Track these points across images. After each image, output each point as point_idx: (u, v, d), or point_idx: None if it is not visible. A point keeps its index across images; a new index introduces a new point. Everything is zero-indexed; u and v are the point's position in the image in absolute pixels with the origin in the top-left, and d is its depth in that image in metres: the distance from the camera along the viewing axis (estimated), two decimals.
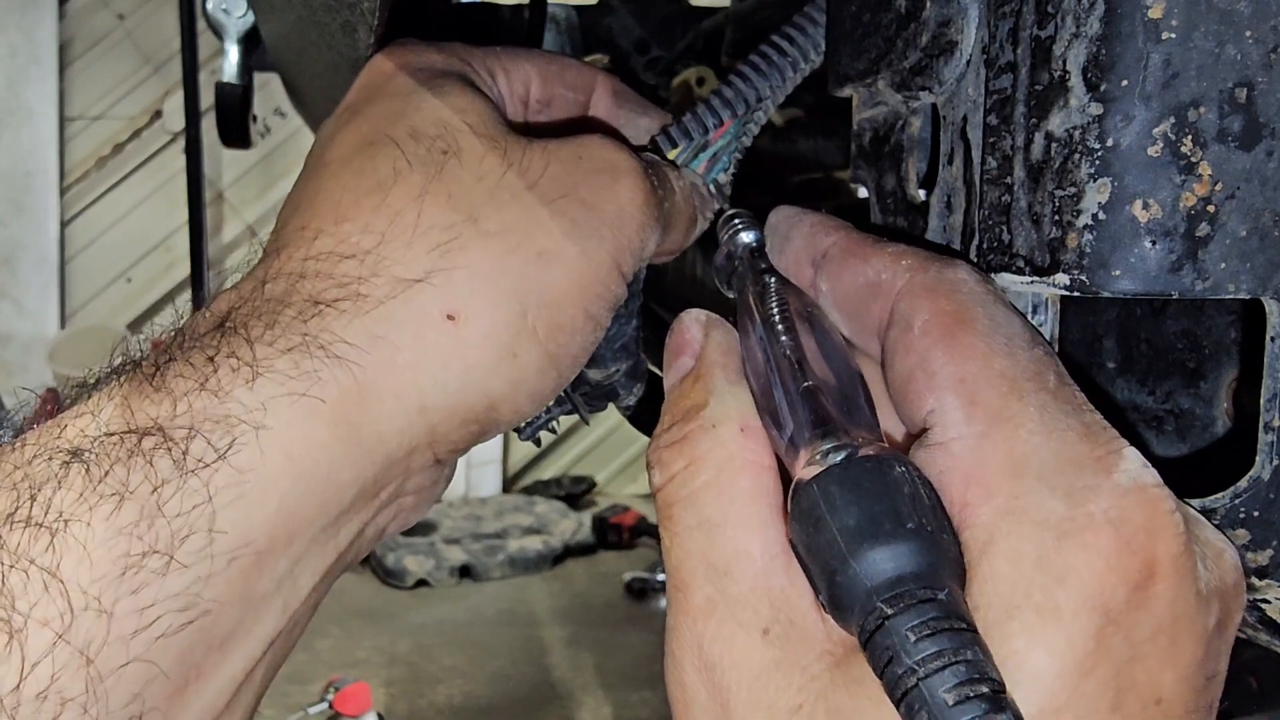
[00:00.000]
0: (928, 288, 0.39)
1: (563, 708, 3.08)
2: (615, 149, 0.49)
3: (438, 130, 0.47)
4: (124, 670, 0.37)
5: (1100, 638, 0.31)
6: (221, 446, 0.39)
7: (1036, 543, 0.32)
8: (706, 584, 0.37)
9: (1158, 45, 0.36)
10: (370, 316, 0.43)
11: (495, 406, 0.46)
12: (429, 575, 3.91)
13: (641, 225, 0.48)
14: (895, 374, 0.38)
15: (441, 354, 0.44)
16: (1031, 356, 0.36)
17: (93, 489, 0.37)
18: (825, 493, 0.34)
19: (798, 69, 0.58)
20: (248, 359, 0.41)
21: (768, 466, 0.38)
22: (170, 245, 4.64)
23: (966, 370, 0.36)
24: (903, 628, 0.30)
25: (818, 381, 0.39)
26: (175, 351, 0.42)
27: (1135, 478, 0.33)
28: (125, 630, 0.37)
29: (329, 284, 0.43)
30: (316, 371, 0.41)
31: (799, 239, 0.46)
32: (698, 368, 0.42)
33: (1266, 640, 0.41)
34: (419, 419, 0.44)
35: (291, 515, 0.41)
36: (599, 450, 5.01)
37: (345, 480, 0.42)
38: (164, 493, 0.38)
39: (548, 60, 0.57)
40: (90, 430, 0.39)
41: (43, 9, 4.44)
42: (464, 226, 0.45)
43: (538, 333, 0.45)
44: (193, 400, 0.40)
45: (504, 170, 0.46)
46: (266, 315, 0.42)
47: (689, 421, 0.40)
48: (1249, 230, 0.37)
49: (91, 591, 0.36)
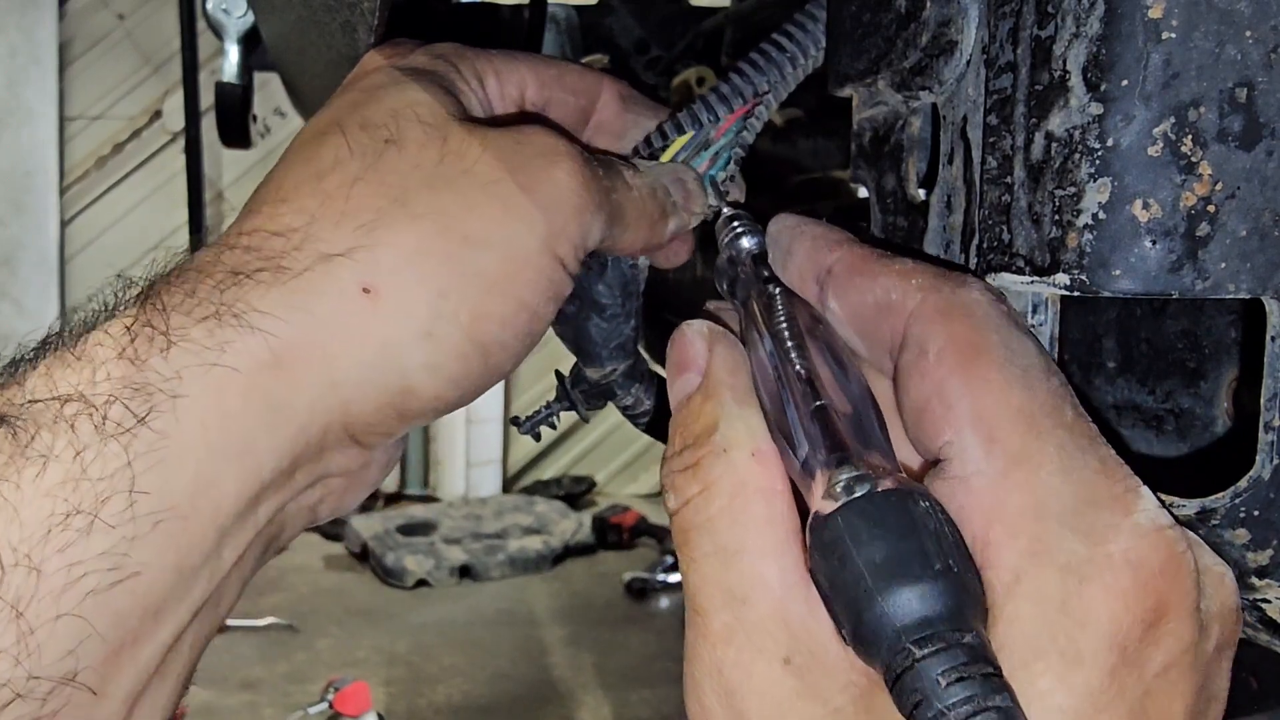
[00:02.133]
0: (941, 311, 0.39)
1: (563, 708, 3.08)
2: (553, 135, 0.49)
3: (385, 120, 0.48)
4: (55, 625, 0.38)
5: (1115, 675, 0.33)
6: (140, 412, 0.40)
7: (1060, 586, 0.33)
8: (724, 610, 0.37)
9: (1158, 45, 0.36)
10: (287, 287, 0.43)
11: (411, 389, 0.46)
12: (429, 575, 3.91)
13: (579, 209, 0.48)
14: (910, 400, 0.38)
15: (356, 327, 0.44)
16: (1049, 388, 0.37)
17: (20, 452, 0.39)
18: (850, 526, 0.34)
19: (798, 65, 0.58)
20: (161, 328, 0.42)
21: (781, 491, 0.38)
22: (170, 245, 4.58)
23: (984, 405, 0.36)
24: (933, 672, 0.31)
25: (830, 401, 0.38)
26: (96, 321, 0.43)
27: (1154, 519, 0.34)
28: (54, 586, 0.38)
29: (253, 257, 0.44)
30: (230, 342, 0.42)
31: (801, 253, 0.45)
32: (705, 386, 0.42)
33: (1266, 640, 0.41)
34: (330, 393, 0.44)
35: (211, 483, 0.41)
36: (599, 450, 5.01)
37: (261, 451, 0.43)
38: (86, 456, 0.39)
39: (546, 64, 0.57)
40: (16, 398, 0.40)
41: (43, 9, 4.45)
42: (392, 208, 0.45)
43: (459, 316, 0.45)
44: (111, 369, 0.41)
45: (441, 157, 0.47)
46: (187, 285, 0.43)
47: (700, 446, 0.40)
48: (1249, 230, 0.37)
49: (21, 549, 0.37)
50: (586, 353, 0.55)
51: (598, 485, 5.00)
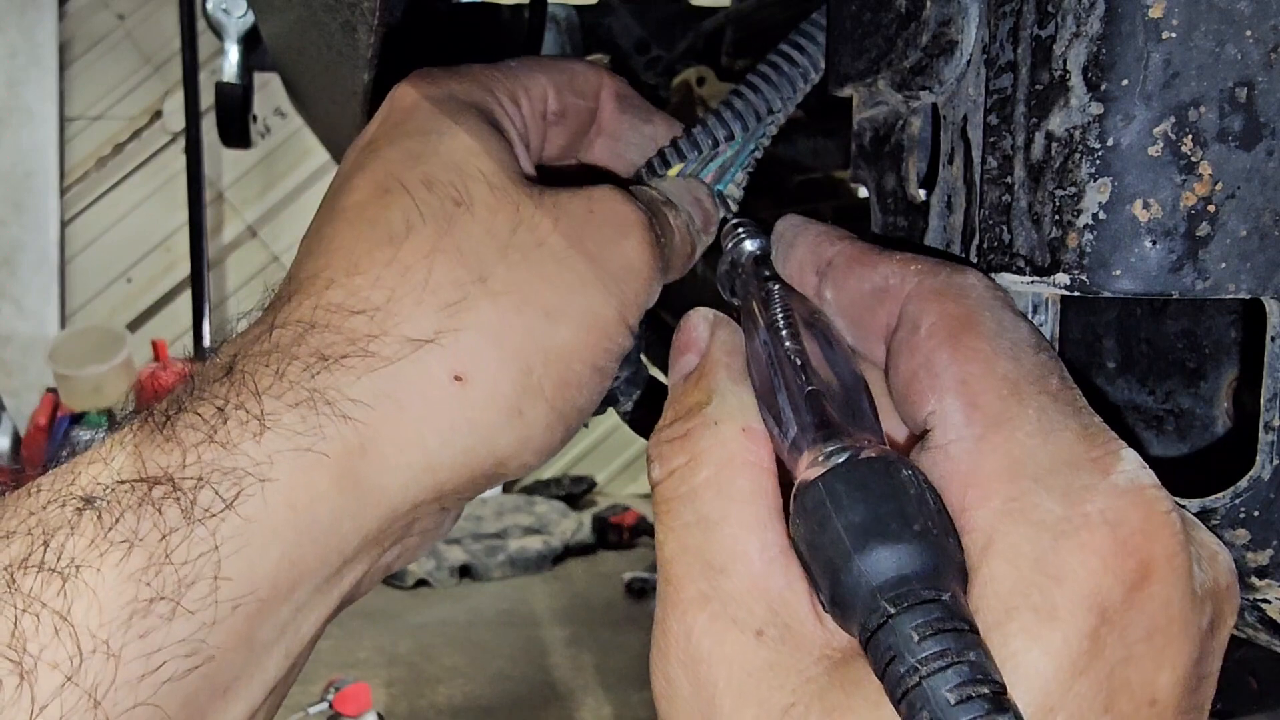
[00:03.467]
0: (936, 291, 0.39)
1: (563, 708, 3.08)
2: (623, 201, 0.50)
3: (450, 177, 0.47)
4: (131, 714, 0.37)
5: (1095, 638, 0.32)
6: (229, 497, 0.40)
7: (1034, 543, 0.33)
8: (700, 580, 0.37)
9: (1158, 45, 0.36)
10: (378, 375, 0.43)
11: (502, 462, 0.46)
12: (429, 575, 3.91)
13: (648, 280, 0.49)
14: (899, 374, 0.39)
15: (448, 414, 0.44)
16: (1036, 360, 0.37)
17: (104, 535, 0.38)
18: (831, 490, 0.34)
19: (809, 78, 0.58)
20: (255, 412, 0.41)
21: (767, 468, 0.39)
22: (170, 245, 4.64)
23: (969, 372, 0.36)
24: (906, 627, 0.31)
25: (821, 385, 0.39)
26: (185, 400, 0.42)
27: (1133, 478, 0.34)
28: (133, 674, 0.37)
29: (338, 338, 0.44)
30: (322, 427, 0.42)
31: (804, 246, 0.46)
32: (702, 365, 0.43)
33: (1266, 640, 0.41)
34: (425, 476, 0.44)
35: (295, 565, 0.41)
36: (599, 450, 5.01)
37: (347, 531, 0.43)
38: (172, 540, 0.39)
39: (558, 69, 0.57)
40: (103, 478, 0.40)
41: (43, 9, 4.45)
42: (473, 286, 0.45)
43: (544, 390, 0.46)
44: (202, 452, 0.40)
45: (515, 226, 0.47)
46: (274, 366, 0.43)
47: (691, 418, 0.40)
48: (1249, 230, 0.37)
49: (100, 635, 0.37)
50: None
51: (598, 485, 5.00)
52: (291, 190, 4.64)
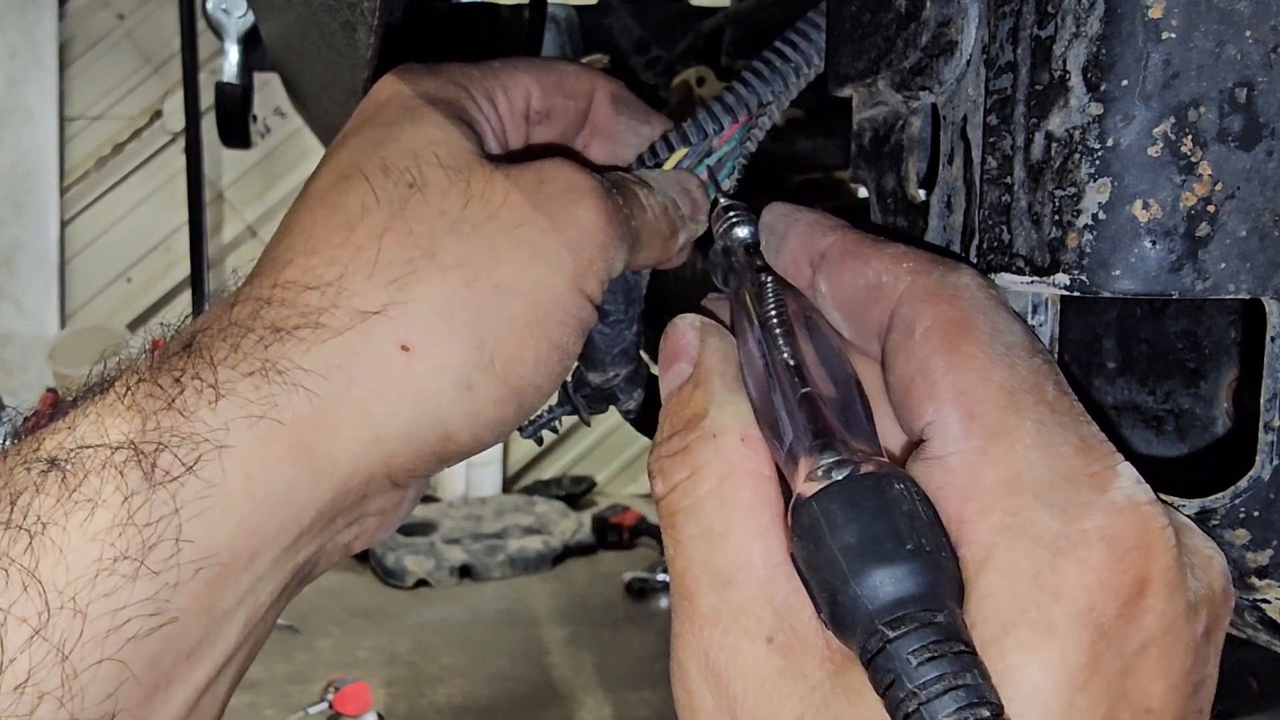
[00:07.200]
0: (931, 292, 0.39)
1: (563, 708, 3.08)
2: (573, 170, 0.50)
3: (406, 163, 0.48)
4: (98, 668, 0.38)
5: (1093, 652, 0.32)
6: (188, 461, 0.41)
7: (1032, 559, 0.33)
8: (711, 592, 0.37)
9: (1158, 45, 0.36)
10: (328, 345, 0.44)
11: (451, 436, 0.47)
12: (429, 575, 3.91)
13: (604, 245, 0.49)
14: (896, 379, 0.39)
15: (395, 385, 0.45)
16: (1030, 366, 0.37)
17: (68, 496, 0.39)
18: (826, 511, 0.34)
19: (801, 74, 0.58)
20: (210, 381, 0.42)
21: (768, 476, 0.39)
22: (170, 245, 4.64)
23: (965, 381, 0.36)
24: (904, 651, 0.31)
25: (816, 389, 0.39)
26: (145, 373, 0.43)
27: (1129, 495, 0.34)
28: (99, 631, 0.38)
29: (291, 312, 0.45)
30: (274, 396, 0.43)
31: (796, 238, 0.46)
32: (696, 375, 0.42)
33: (1266, 640, 0.41)
34: (373, 447, 0.45)
35: (253, 533, 0.42)
36: (599, 450, 5.01)
37: (302, 501, 0.43)
38: (134, 502, 0.40)
39: (546, 70, 0.57)
40: (67, 443, 0.41)
41: (43, 9, 4.45)
42: (422, 260, 0.46)
43: (495, 364, 0.46)
44: (161, 419, 0.41)
45: (466, 201, 0.47)
46: (230, 339, 0.44)
47: (690, 431, 0.40)
48: (1249, 230, 0.37)
49: (67, 592, 0.38)
50: (589, 358, 0.55)
51: (598, 485, 5.00)
52: (291, 190, 4.63)
